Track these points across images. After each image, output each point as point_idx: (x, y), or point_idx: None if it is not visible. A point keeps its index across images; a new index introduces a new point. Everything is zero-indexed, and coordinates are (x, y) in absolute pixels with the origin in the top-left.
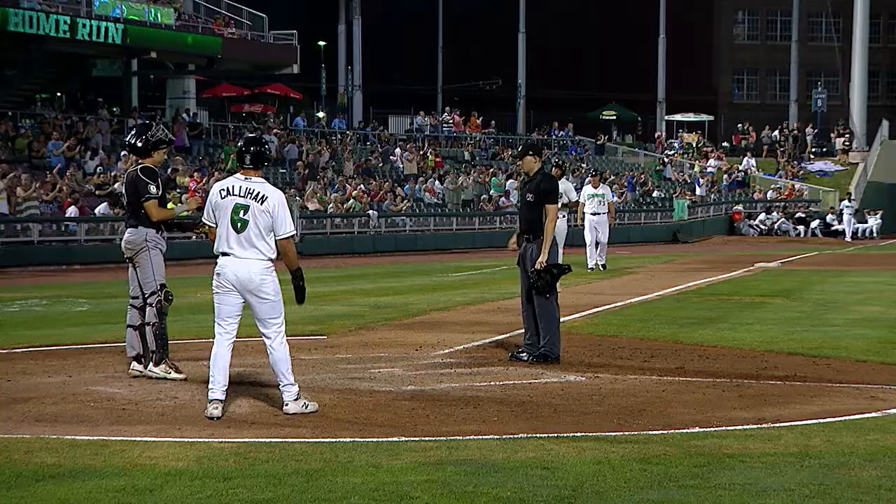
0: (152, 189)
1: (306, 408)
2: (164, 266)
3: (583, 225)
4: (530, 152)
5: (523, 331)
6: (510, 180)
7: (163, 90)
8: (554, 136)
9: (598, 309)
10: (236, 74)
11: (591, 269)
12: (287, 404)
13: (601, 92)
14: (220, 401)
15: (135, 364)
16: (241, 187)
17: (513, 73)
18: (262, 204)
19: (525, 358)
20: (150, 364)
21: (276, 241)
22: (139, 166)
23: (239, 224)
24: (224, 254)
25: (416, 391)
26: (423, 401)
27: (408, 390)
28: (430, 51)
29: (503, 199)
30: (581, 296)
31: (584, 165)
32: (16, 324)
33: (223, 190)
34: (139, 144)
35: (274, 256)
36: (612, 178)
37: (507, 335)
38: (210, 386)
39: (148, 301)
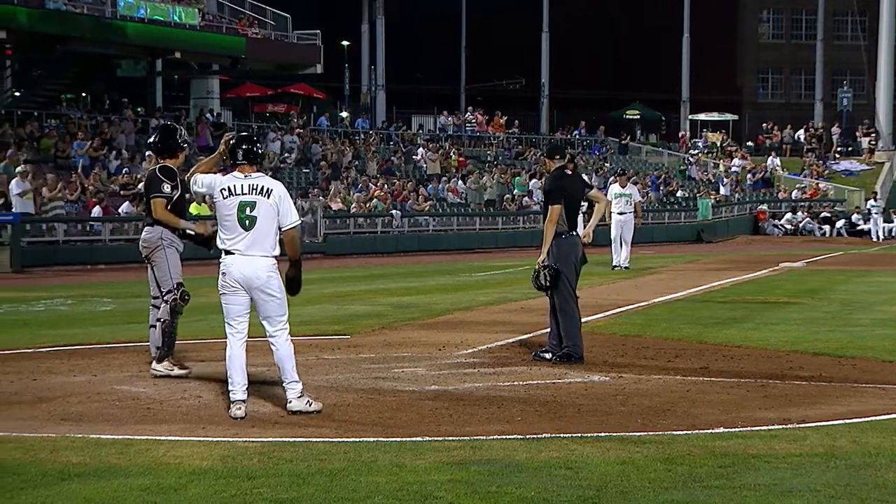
0: (165, 188)
1: (310, 406)
2: (180, 265)
3: (609, 224)
4: (549, 154)
5: (548, 330)
6: (533, 180)
7: (187, 90)
8: (578, 136)
9: (622, 309)
10: (260, 74)
11: (616, 267)
12: (291, 401)
13: (625, 91)
14: (243, 401)
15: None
16: (243, 185)
17: (536, 73)
18: (268, 198)
19: (548, 357)
20: (154, 361)
21: (282, 231)
22: (159, 165)
23: (247, 221)
24: (228, 252)
25: (439, 391)
26: (447, 400)
27: (431, 390)
28: (453, 50)
29: (526, 198)
30: (604, 295)
31: (607, 165)
32: (41, 323)
33: (224, 190)
34: (169, 144)
35: (277, 253)
36: (635, 177)
37: (531, 335)
38: (230, 388)
39: (164, 298)
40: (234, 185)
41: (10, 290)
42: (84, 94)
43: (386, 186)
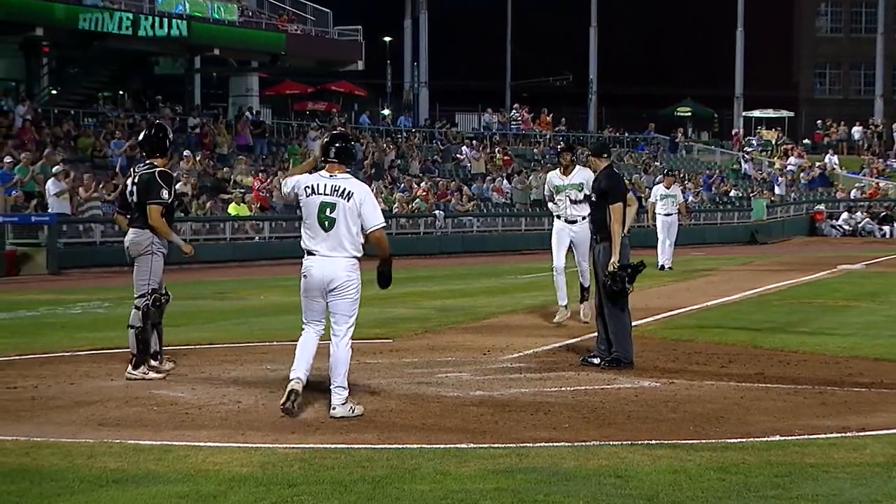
0: (164, 195)
1: (353, 412)
2: (161, 271)
3: (654, 225)
4: (602, 152)
5: (596, 334)
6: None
7: (225, 88)
8: (628, 135)
9: (673, 312)
10: (300, 71)
11: (662, 267)
12: (335, 407)
13: (676, 87)
14: (301, 380)
15: (151, 361)
16: (326, 185)
17: (584, 68)
18: (348, 201)
19: (597, 363)
20: (129, 367)
21: (367, 234)
22: (157, 169)
23: (327, 223)
24: (310, 253)
25: (484, 396)
26: (492, 406)
27: (476, 395)
28: (498, 46)
29: None
30: (655, 299)
31: (657, 163)
32: (78, 326)
33: (308, 188)
34: (165, 144)
35: (360, 254)
36: (684, 175)
37: (578, 339)
38: (293, 367)
39: (135, 303)
40: (318, 184)
41: (48, 291)
42: (121, 93)
43: (429, 186)
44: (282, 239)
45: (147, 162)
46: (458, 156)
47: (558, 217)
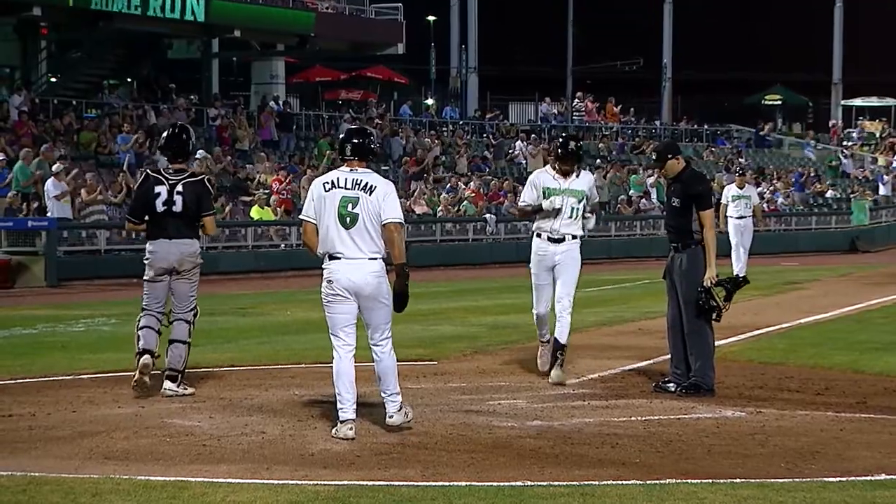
0: (215, 204)
1: (408, 416)
2: None
3: (726, 230)
4: (669, 155)
5: (669, 357)
6: (651, 178)
7: (247, 74)
8: (707, 127)
9: (761, 331)
10: (332, 55)
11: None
12: (392, 416)
13: (764, 73)
14: (353, 420)
15: (168, 383)
16: (347, 179)
17: (657, 52)
18: (370, 194)
19: (672, 389)
20: (168, 381)
21: (382, 225)
22: (200, 176)
23: (348, 218)
24: (332, 257)
25: (542, 427)
26: (551, 438)
27: (533, 426)
28: (558, 26)
29: (644, 200)
30: (740, 315)
31: (741, 160)
32: (81, 345)
33: (327, 183)
34: (189, 148)
35: (384, 255)
36: (772, 173)
37: (650, 361)
38: (340, 406)
39: (182, 317)
40: (338, 178)
41: (46, 307)
42: (130, 80)
43: (479, 186)
44: None
45: (175, 167)
46: (511, 151)
47: (538, 235)
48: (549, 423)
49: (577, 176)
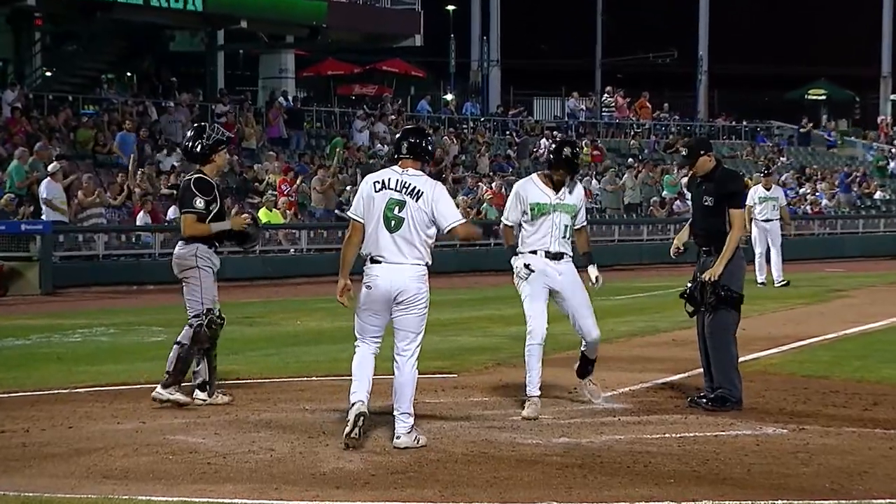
0: (198, 203)
1: (418, 442)
2: (214, 288)
3: (752, 235)
4: (702, 151)
5: (703, 370)
6: (685, 178)
7: (254, 68)
8: (746, 124)
9: (803, 342)
10: (345, 48)
11: (762, 284)
12: (399, 437)
13: (807, 66)
14: (364, 402)
15: (198, 392)
16: (396, 180)
17: (692, 43)
18: (417, 201)
19: (705, 403)
20: (159, 386)
21: (447, 231)
22: (195, 175)
23: (393, 222)
24: (374, 260)
25: (569, 444)
26: (579, 457)
27: (559, 443)
28: (586, 15)
29: (678, 202)
30: (781, 325)
31: (782, 159)
32: (78, 357)
33: (377, 182)
34: (197, 149)
35: (430, 261)
36: (816, 173)
37: (685, 374)
38: (353, 389)
39: (189, 322)
40: (389, 179)
41: (40, 316)
42: (129, 74)
43: (500, 187)
44: (322, 252)
45: (198, 170)
46: (536, 150)
47: (532, 252)
48: (576, 440)
49: (571, 190)
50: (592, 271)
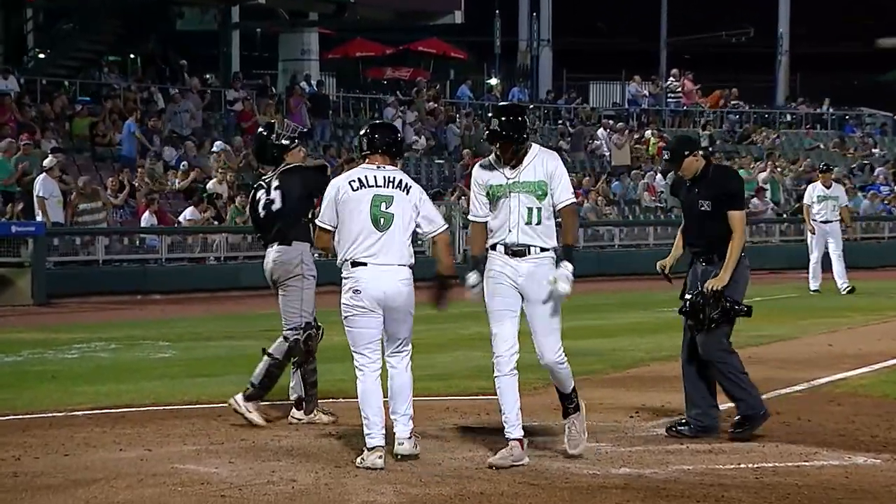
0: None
1: (416, 448)
2: (314, 299)
3: (811, 236)
4: (686, 151)
5: (789, 390)
6: (764, 173)
7: (273, 50)
8: (833, 111)
9: None
10: (375, 26)
11: (815, 291)
12: (402, 443)
13: None
14: (382, 447)
15: (294, 411)
16: (378, 176)
17: (771, 20)
18: (407, 194)
19: (686, 432)
20: (241, 395)
21: (432, 237)
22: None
23: (382, 219)
24: (357, 263)
25: (631, 475)
26: (642, 490)
27: (619, 474)
28: None
29: (755, 199)
30: (870, 340)
31: (876, 151)
32: (75, 376)
33: (353, 182)
34: (274, 151)
35: (413, 262)
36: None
37: (763, 396)
38: (367, 431)
39: (284, 334)
40: (367, 176)
41: (33, 329)
42: (133, 56)
43: None
44: None
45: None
46: (592, 141)
47: (492, 248)
48: (639, 470)
49: (529, 162)
50: (559, 270)
